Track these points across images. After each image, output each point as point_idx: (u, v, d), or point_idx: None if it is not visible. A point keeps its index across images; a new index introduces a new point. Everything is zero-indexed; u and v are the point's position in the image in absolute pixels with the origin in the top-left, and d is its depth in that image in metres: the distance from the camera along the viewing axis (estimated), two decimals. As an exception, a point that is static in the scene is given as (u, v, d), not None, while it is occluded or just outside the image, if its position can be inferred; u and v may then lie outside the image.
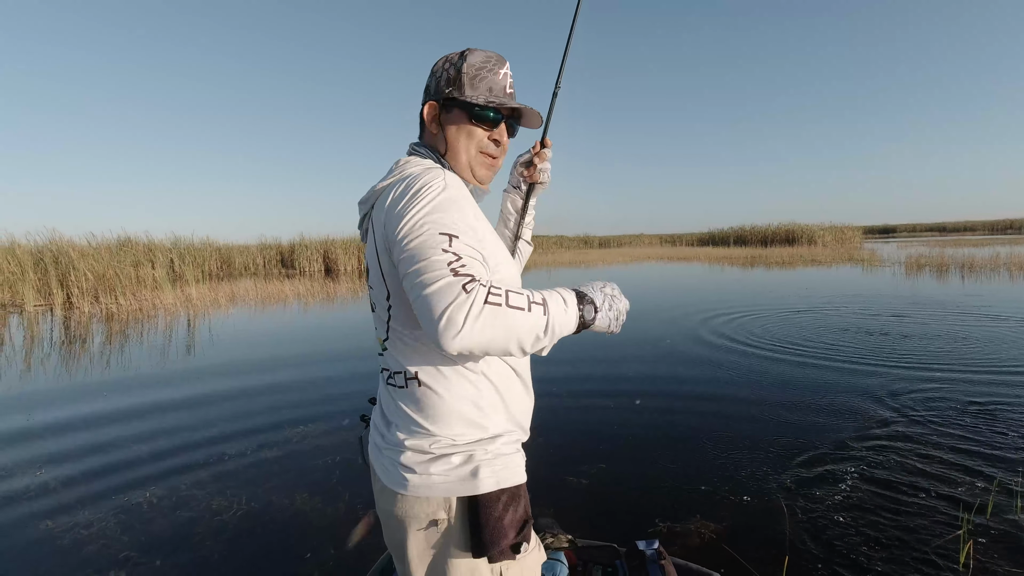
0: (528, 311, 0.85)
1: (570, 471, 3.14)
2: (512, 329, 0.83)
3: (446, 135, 1.09)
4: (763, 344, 6.31)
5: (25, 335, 8.51)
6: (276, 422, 4.11)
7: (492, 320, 0.81)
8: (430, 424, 0.97)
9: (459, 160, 1.09)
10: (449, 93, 1.07)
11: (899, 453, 3.25)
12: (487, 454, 0.98)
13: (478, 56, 1.08)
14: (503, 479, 0.97)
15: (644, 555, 1.71)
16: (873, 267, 16.82)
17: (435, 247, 0.85)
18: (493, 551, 0.94)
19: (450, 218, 0.89)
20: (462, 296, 0.80)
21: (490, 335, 0.81)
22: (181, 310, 10.96)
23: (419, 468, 0.97)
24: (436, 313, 0.80)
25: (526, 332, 0.85)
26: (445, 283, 0.81)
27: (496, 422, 1.00)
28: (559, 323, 0.89)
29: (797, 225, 34.88)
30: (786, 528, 2.49)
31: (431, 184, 0.93)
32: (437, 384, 0.98)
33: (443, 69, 1.09)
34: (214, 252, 21.02)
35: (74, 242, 14.40)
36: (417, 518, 0.98)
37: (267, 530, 2.62)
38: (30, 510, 2.85)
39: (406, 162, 1.06)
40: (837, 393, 4.43)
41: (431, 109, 1.09)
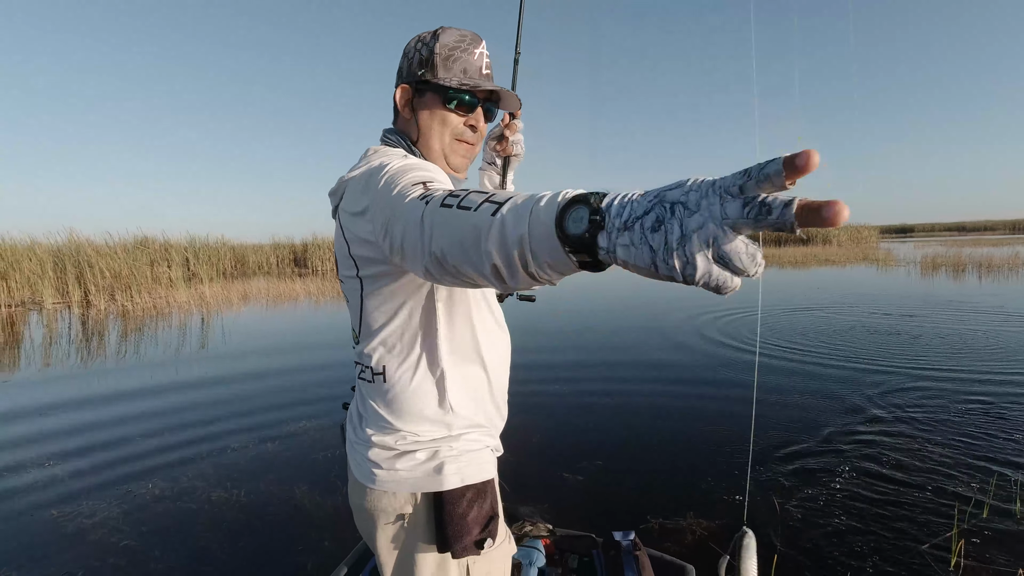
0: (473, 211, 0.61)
1: (567, 468, 3.16)
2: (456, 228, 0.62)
3: (419, 120, 1.03)
4: (766, 343, 6.27)
5: (43, 332, 8.71)
6: (279, 417, 4.18)
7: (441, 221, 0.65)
8: (395, 420, 0.97)
9: (432, 147, 1.04)
10: (422, 75, 1.01)
11: (896, 452, 3.22)
12: (452, 451, 0.98)
13: (451, 35, 1.01)
14: (468, 476, 0.97)
15: (620, 545, 1.73)
16: (888, 267, 16.59)
17: (408, 184, 0.77)
18: (456, 547, 0.94)
19: (422, 172, 0.82)
20: (417, 207, 0.69)
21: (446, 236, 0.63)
22: (194, 308, 11.14)
23: (385, 464, 0.97)
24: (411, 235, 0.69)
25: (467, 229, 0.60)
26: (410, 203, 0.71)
27: (462, 419, 0.99)
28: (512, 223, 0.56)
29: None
30: (778, 525, 2.48)
31: (395, 155, 0.94)
32: (402, 380, 0.96)
33: (415, 50, 1.02)
34: (228, 251, 21.26)
35: (92, 241, 14.71)
36: (385, 512, 0.99)
37: (265, 522, 2.67)
38: (37, 500, 2.93)
39: (375, 151, 1.01)
40: (838, 392, 4.39)
41: (403, 93, 1.03)
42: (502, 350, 1.11)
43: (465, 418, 1.00)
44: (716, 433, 3.62)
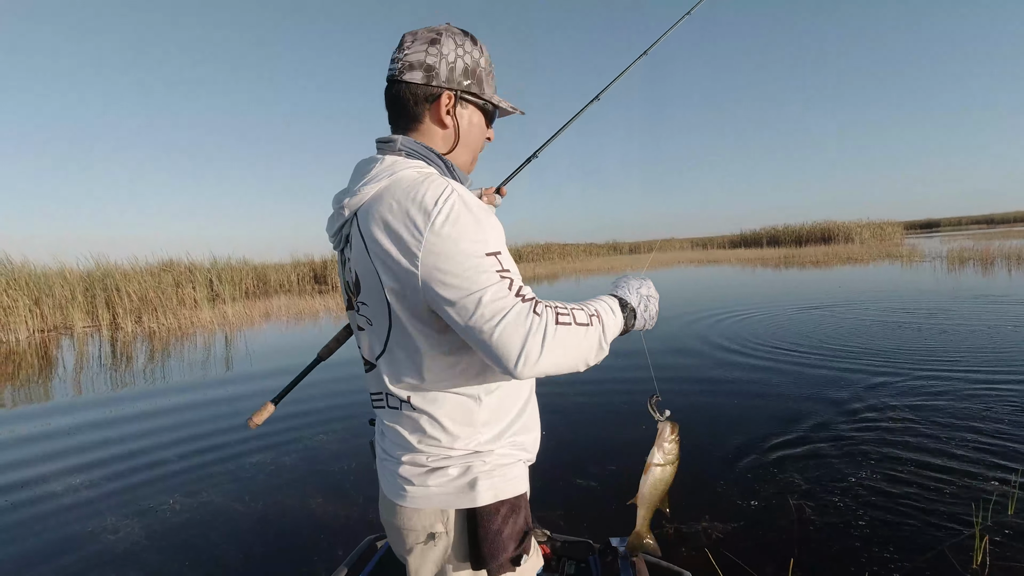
0: (591, 325, 0.85)
1: (579, 473, 3.15)
2: (580, 347, 0.83)
3: (459, 130, 0.99)
4: (782, 344, 6.17)
5: (75, 356, 8.98)
6: (296, 431, 4.24)
7: (564, 340, 0.81)
8: (424, 443, 0.93)
9: (467, 157, 1.03)
10: (468, 87, 0.97)
11: (915, 451, 3.15)
12: (485, 465, 0.93)
13: (486, 49, 1.01)
14: (501, 491, 0.93)
15: (617, 551, 1.72)
16: (913, 263, 16.20)
17: (490, 271, 0.80)
18: (492, 564, 0.91)
19: (483, 232, 0.82)
20: (536, 321, 0.79)
21: (562, 356, 0.81)
22: (217, 328, 11.37)
23: (417, 480, 0.94)
24: (514, 347, 0.78)
25: (590, 346, 0.85)
26: (516, 312, 0.79)
27: (494, 435, 0.95)
28: (611, 330, 0.90)
29: (833, 223, 33.81)
30: (794, 528, 2.44)
31: (445, 196, 0.81)
32: (430, 407, 0.92)
33: (457, 55, 0.95)
34: (250, 271, 21.65)
35: (119, 265, 15.15)
36: (415, 530, 0.95)
37: (282, 534, 2.71)
38: (66, 516, 3.01)
39: (393, 163, 0.91)
40: (857, 390, 4.30)
41: (449, 100, 0.96)
42: None
43: (498, 433, 0.96)
44: (728, 434, 3.57)
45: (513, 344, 0.77)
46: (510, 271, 0.82)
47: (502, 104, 1.03)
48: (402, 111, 0.97)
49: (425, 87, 0.94)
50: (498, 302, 0.78)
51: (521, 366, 0.78)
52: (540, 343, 0.78)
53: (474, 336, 0.80)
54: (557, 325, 0.80)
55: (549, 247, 40.29)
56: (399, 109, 0.97)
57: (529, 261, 35.40)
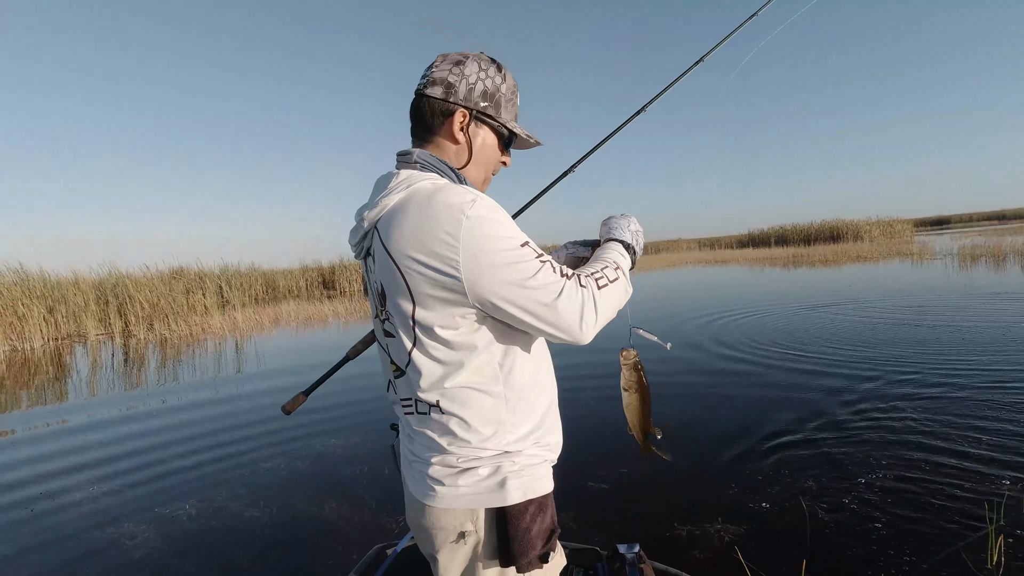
0: (619, 279, 1.01)
1: (590, 476, 3.16)
2: (618, 299, 1.00)
3: (472, 147, 1.04)
4: (791, 343, 6.14)
5: (89, 363, 9.09)
6: (309, 435, 4.28)
7: (608, 300, 0.96)
8: (455, 445, 0.96)
9: (477, 176, 1.07)
10: (484, 108, 1.02)
11: (927, 451, 3.13)
12: (514, 465, 0.96)
13: (511, 78, 1.06)
14: (530, 490, 0.96)
15: (625, 558, 1.72)
16: (923, 261, 16.07)
17: (530, 260, 0.89)
18: (522, 561, 0.94)
19: (511, 227, 0.90)
20: (585, 294, 0.92)
21: (610, 311, 0.97)
22: (228, 334, 11.47)
23: (447, 480, 0.96)
24: (575, 318, 0.90)
25: (623, 295, 1.02)
26: (568, 289, 0.90)
27: (522, 434, 0.98)
28: (626, 271, 1.07)
29: (842, 221, 33.61)
30: (807, 529, 2.44)
31: (470, 200, 0.87)
32: (458, 410, 0.95)
33: (479, 77, 1.01)
34: (259, 277, 21.81)
35: (131, 273, 15.32)
36: (445, 529, 0.97)
37: (296, 539, 2.74)
38: (84, 523, 3.06)
39: (409, 175, 0.95)
40: (868, 389, 4.28)
41: (463, 117, 1.01)
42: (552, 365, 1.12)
43: (526, 433, 0.99)
44: (739, 436, 3.57)
45: (574, 315, 0.90)
46: (543, 255, 0.92)
47: (517, 130, 1.08)
48: (420, 122, 1.04)
49: (443, 102, 1.00)
50: (551, 285, 0.89)
51: (584, 330, 0.92)
52: (594, 309, 0.92)
53: (536, 318, 0.90)
54: (600, 290, 0.95)
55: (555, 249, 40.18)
56: (418, 120, 1.04)
57: (536, 263, 35.29)
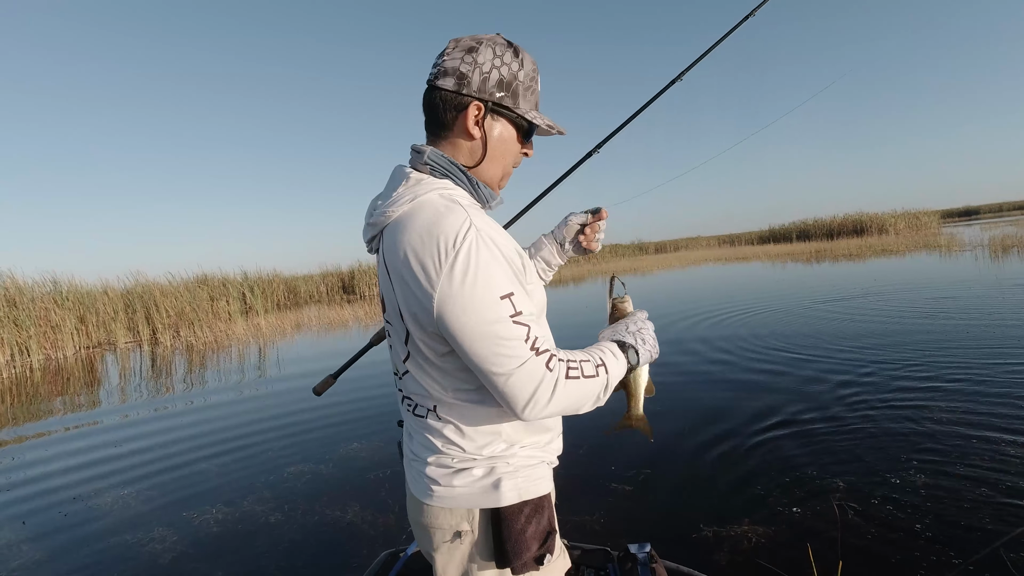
0: (597, 376, 0.92)
1: (614, 477, 3.13)
2: (585, 396, 0.90)
3: (488, 143, 0.96)
4: (816, 339, 6.02)
5: (118, 371, 9.31)
6: (332, 439, 4.32)
7: (571, 392, 0.88)
8: (449, 447, 0.96)
9: (493, 172, 1.00)
10: (501, 99, 0.94)
11: (960, 447, 3.04)
12: (508, 467, 0.96)
13: (530, 63, 0.97)
14: (525, 491, 0.96)
15: (636, 558, 1.69)
16: (952, 252, 15.64)
17: (504, 320, 0.82)
18: (516, 563, 0.93)
19: (500, 276, 0.83)
20: (547, 377, 0.84)
21: (567, 404, 0.88)
22: (251, 340, 11.65)
23: (443, 480, 0.96)
24: (523, 397, 0.84)
25: (594, 395, 0.92)
26: (530, 367, 0.83)
27: (518, 438, 0.98)
28: (614, 375, 0.96)
29: (866, 214, 32.93)
30: (838, 529, 2.38)
31: (462, 235, 0.82)
32: (455, 418, 0.95)
33: (493, 65, 0.93)
34: (281, 283, 22.15)
35: (157, 282, 15.66)
36: (441, 528, 0.98)
37: (320, 542, 2.76)
38: (115, 527, 3.12)
39: (418, 181, 0.92)
40: (897, 386, 4.17)
41: (478, 111, 0.94)
42: None
43: (521, 436, 0.99)
44: (768, 435, 3.50)
45: (523, 394, 0.84)
46: (522, 313, 0.84)
47: (537, 121, 0.99)
48: (433, 117, 0.97)
49: (455, 95, 0.93)
50: (513, 356, 0.83)
51: (528, 412, 0.85)
52: (549, 395, 0.85)
53: (485, 379, 0.86)
54: (567, 380, 0.87)
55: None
56: (431, 115, 0.97)
57: (554, 264, 35.23)
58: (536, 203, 1.70)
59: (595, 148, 1.76)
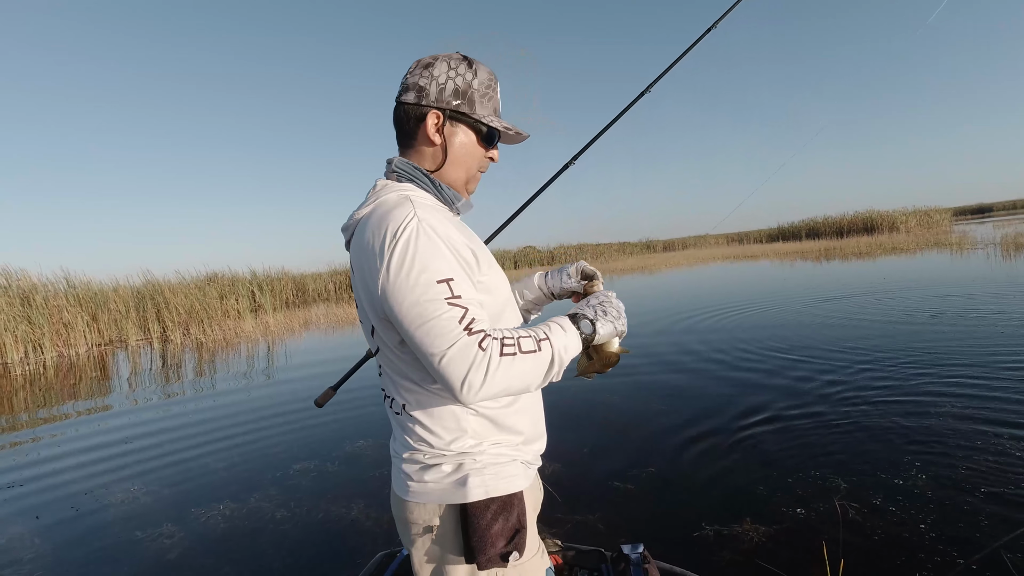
0: (539, 351, 0.90)
1: (617, 476, 3.14)
2: (526, 373, 0.89)
3: (448, 148, 1.04)
4: (820, 340, 5.99)
5: (129, 368, 9.43)
6: (339, 436, 4.36)
7: (508, 370, 0.86)
8: (420, 443, 1.01)
9: (457, 176, 1.06)
10: (458, 107, 1.02)
11: (962, 447, 3.02)
12: (476, 463, 0.99)
13: (484, 72, 1.05)
14: (493, 488, 0.98)
15: (629, 559, 1.71)
16: (963, 251, 15.48)
17: (439, 300, 0.85)
18: (481, 558, 0.96)
19: (438, 261, 0.88)
20: (479, 356, 0.84)
21: (507, 383, 0.87)
22: (260, 338, 11.75)
23: (415, 475, 1.01)
24: (457, 378, 0.84)
25: (539, 370, 0.90)
26: (461, 346, 0.84)
27: (487, 434, 1.01)
28: (563, 347, 0.93)
29: (876, 212, 32.62)
30: (840, 529, 2.38)
31: (404, 225, 0.88)
32: (422, 415, 1.00)
33: (448, 76, 1.02)
34: (289, 281, 22.28)
35: (167, 280, 15.83)
36: (416, 523, 1.02)
37: (326, 539, 2.80)
38: (126, 523, 3.18)
39: (383, 186, 1.02)
40: (901, 386, 4.15)
41: (436, 118, 1.02)
42: None
43: (491, 433, 1.02)
44: (770, 435, 3.51)
45: (456, 375, 0.84)
46: (461, 297, 0.87)
47: (494, 124, 1.05)
48: (400, 130, 1.06)
49: (416, 107, 1.02)
50: (445, 335, 0.85)
51: (464, 394, 0.85)
52: (483, 375, 0.84)
53: (424, 362, 0.89)
54: (501, 357, 0.86)
55: (582, 247, 40.14)
56: (398, 127, 1.07)
57: (563, 262, 35.26)
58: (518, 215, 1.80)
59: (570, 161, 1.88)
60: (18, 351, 11.08)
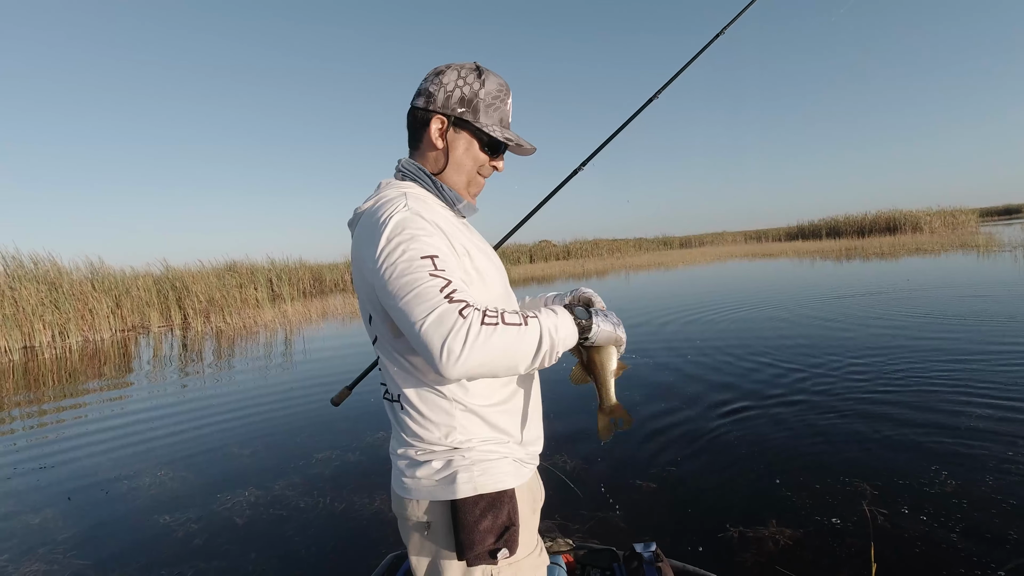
0: (525, 325, 0.87)
1: (638, 474, 3.13)
2: (510, 346, 0.84)
3: (451, 153, 1.08)
4: (850, 341, 5.91)
5: (151, 353, 9.60)
6: (359, 427, 4.41)
7: (488, 340, 0.82)
8: (413, 438, 1.02)
9: (458, 179, 1.09)
10: (462, 114, 1.06)
11: (992, 455, 2.95)
12: (464, 460, 0.99)
13: (493, 83, 1.08)
14: (481, 485, 0.98)
15: (642, 558, 1.69)
16: (990, 252, 15.13)
17: (422, 271, 0.86)
18: (469, 555, 0.96)
19: (423, 239, 0.90)
20: (459, 322, 0.81)
21: (489, 355, 0.83)
22: (279, 326, 11.89)
23: (408, 471, 1.03)
24: (436, 345, 0.81)
25: (525, 346, 0.86)
26: (441, 311, 0.82)
27: (474, 432, 1.01)
28: (553, 326, 0.90)
29: (899, 212, 32.01)
30: (869, 535, 2.35)
31: (394, 211, 0.93)
32: (414, 408, 1.01)
33: (456, 85, 1.05)
34: (307, 271, 22.50)
35: (188, 269, 16.07)
36: (410, 519, 1.04)
37: (348, 526, 2.83)
38: (154, 507, 3.24)
39: (387, 184, 1.07)
40: (932, 390, 4.07)
41: (441, 124, 1.06)
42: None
43: (481, 431, 1.02)
44: (799, 435, 3.47)
45: (435, 342, 0.81)
46: (445, 271, 0.87)
47: (495, 134, 1.07)
48: (410, 132, 1.12)
49: (424, 111, 1.07)
50: (426, 302, 0.84)
51: (443, 364, 0.81)
52: (462, 342, 0.80)
53: (407, 335, 0.87)
54: (482, 326, 0.82)
55: (598, 243, 39.94)
56: (409, 130, 1.12)
57: (578, 257, 35.18)
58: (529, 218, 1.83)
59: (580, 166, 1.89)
60: (45, 335, 11.34)
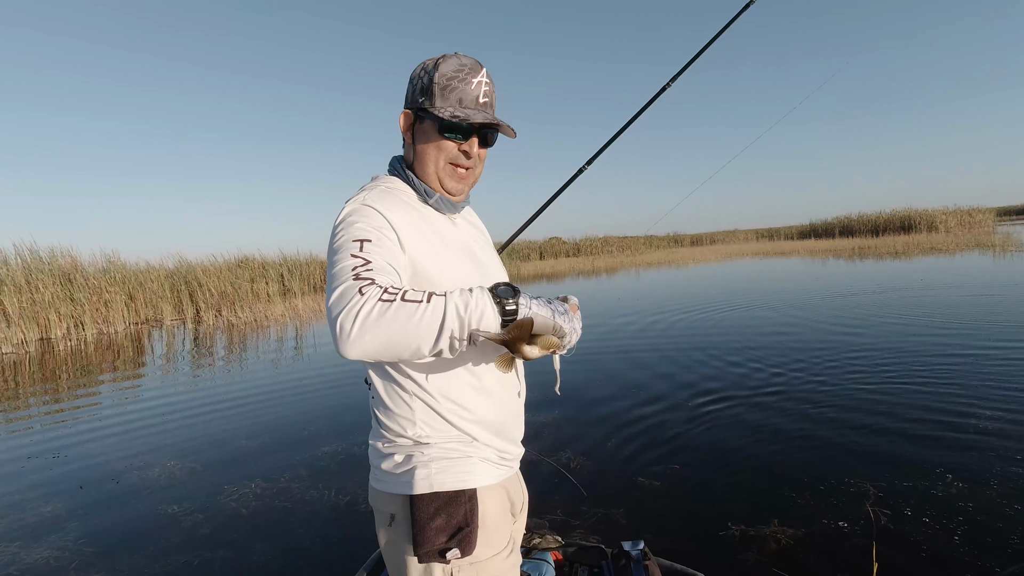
0: (425, 302, 0.80)
1: (642, 472, 3.14)
2: (407, 323, 0.78)
3: (416, 145, 1.08)
4: (856, 339, 5.85)
5: (164, 346, 9.74)
6: (366, 421, 4.43)
7: (381, 317, 0.77)
8: (381, 430, 1.04)
9: (428, 172, 1.08)
10: (422, 104, 1.05)
11: (999, 458, 2.92)
12: (424, 457, 1.00)
13: (451, 64, 1.04)
14: (438, 483, 0.98)
15: (630, 555, 1.70)
16: (1007, 252, 14.89)
17: (345, 252, 0.88)
18: (419, 552, 0.97)
19: (359, 225, 0.93)
20: (355, 299, 0.79)
21: (383, 333, 0.78)
22: (289, 320, 12.00)
23: (376, 463, 1.05)
24: (332, 322, 0.79)
25: (425, 325, 0.79)
26: (343, 288, 0.81)
27: (434, 428, 1.01)
28: (462, 304, 0.81)
29: (914, 211, 31.57)
30: (872, 535, 2.34)
31: (351, 199, 1.01)
32: (380, 399, 1.03)
33: (418, 77, 1.06)
34: (318, 266, 22.62)
35: (201, 263, 16.24)
36: (379, 510, 1.05)
37: (353, 519, 2.86)
38: (162, 497, 3.30)
39: (374, 177, 1.13)
40: (939, 389, 4.03)
41: (405, 119, 1.09)
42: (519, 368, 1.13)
43: (441, 427, 1.01)
44: (803, 435, 3.45)
45: (332, 319, 0.79)
46: (369, 253, 0.88)
47: (442, 114, 1.01)
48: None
49: (400, 114, 1.11)
50: (336, 280, 0.84)
51: (339, 339, 0.78)
52: (353, 318, 0.77)
53: None
54: (378, 302, 0.78)
55: (608, 240, 39.83)
56: None
57: (588, 255, 35.09)
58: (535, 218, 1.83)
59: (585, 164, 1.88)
60: (61, 327, 11.53)
